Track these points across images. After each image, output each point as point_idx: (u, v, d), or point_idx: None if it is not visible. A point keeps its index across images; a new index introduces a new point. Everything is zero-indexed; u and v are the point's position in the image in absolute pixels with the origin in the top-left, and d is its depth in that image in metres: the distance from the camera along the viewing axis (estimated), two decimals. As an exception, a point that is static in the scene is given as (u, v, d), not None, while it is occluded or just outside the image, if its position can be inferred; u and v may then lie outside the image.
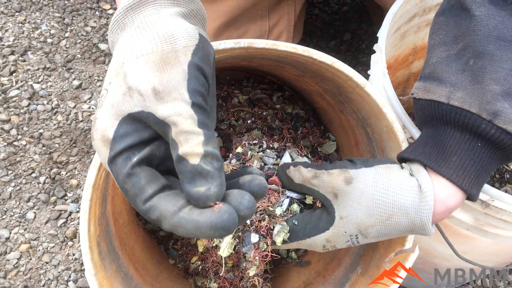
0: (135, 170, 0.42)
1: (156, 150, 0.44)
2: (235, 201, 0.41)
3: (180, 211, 0.40)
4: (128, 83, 0.43)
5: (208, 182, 0.41)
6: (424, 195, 0.56)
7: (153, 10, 0.47)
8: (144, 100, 0.43)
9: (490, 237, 0.75)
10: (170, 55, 0.44)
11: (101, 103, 0.45)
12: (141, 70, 0.43)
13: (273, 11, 1.14)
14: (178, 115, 0.42)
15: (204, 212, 0.40)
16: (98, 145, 0.44)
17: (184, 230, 0.40)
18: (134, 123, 0.43)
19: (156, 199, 0.41)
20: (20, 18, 1.47)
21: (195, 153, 0.41)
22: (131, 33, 0.46)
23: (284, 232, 0.64)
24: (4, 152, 1.24)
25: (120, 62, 0.45)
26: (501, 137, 0.55)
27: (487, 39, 0.56)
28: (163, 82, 0.43)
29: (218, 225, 0.40)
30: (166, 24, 0.46)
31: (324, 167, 0.61)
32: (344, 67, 0.64)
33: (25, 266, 1.12)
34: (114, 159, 0.42)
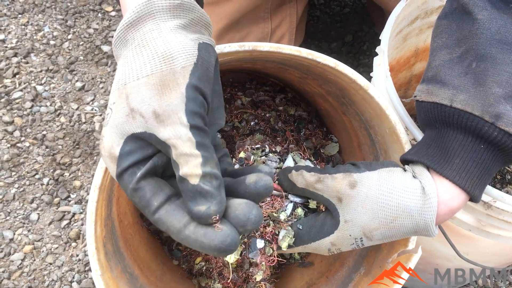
0: (140, 184, 0.45)
1: (158, 161, 0.47)
2: (242, 216, 0.45)
3: (186, 229, 0.44)
4: (131, 105, 0.45)
5: (208, 201, 0.44)
6: (427, 197, 0.57)
7: (153, 25, 0.47)
8: (146, 122, 0.45)
9: (492, 238, 0.76)
10: (169, 77, 0.45)
11: (107, 122, 0.47)
12: (142, 93, 0.45)
13: (275, 13, 1.15)
14: (177, 138, 0.44)
15: (208, 234, 0.44)
16: (107, 161, 0.47)
17: (190, 246, 0.45)
18: (138, 141, 0.46)
19: (163, 212, 0.45)
20: (23, 20, 1.48)
21: (194, 174, 0.44)
22: (132, 52, 0.47)
23: (289, 237, 0.64)
24: (7, 153, 1.25)
25: (122, 82, 0.47)
26: (503, 139, 0.55)
27: (490, 42, 0.57)
28: (162, 106, 0.45)
29: (221, 249, 0.44)
30: (165, 41, 0.47)
31: (328, 171, 0.62)
32: (348, 69, 0.64)
33: (29, 267, 1.13)
34: (121, 175, 0.45)
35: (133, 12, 0.47)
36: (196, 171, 0.44)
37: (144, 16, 0.47)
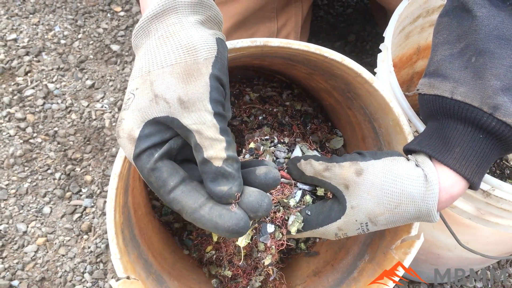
0: (158, 164, 0.48)
1: (174, 144, 0.50)
2: (255, 203, 0.49)
3: (201, 209, 0.48)
4: (155, 91, 0.49)
5: (229, 182, 0.49)
6: (429, 184, 0.60)
7: (176, 19, 0.51)
8: (170, 107, 0.48)
9: (491, 226, 0.79)
10: (193, 67, 0.49)
11: (128, 106, 0.50)
12: (167, 80, 0.48)
13: (281, 12, 1.18)
14: (202, 123, 0.48)
15: (223, 215, 0.48)
16: (124, 142, 0.50)
17: (203, 226, 0.48)
18: (157, 126, 0.49)
19: (179, 192, 0.48)
20: (34, 20, 1.52)
21: (219, 157, 0.48)
22: (156, 42, 0.51)
23: (298, 222, 0.67)
24: (20, 149, 1.29)
25: (146, 70, 0.50)
26: (501, 129, 0.58)
27: (488, 38, 0.59)
28: (188, 93, 0.48)
29: (234, 230, 0.48)
30: (188, 34, 0.50)
31: (335, 160, 0.65)
32: (354, 64, 0.68)
33: (42, 258, 1.16)
34: (139, 156, 0.49)
35: (158, 5, 0.51)
36: (221, 154, 0.48)
37: (168, 10, 0.51)
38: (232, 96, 0.95)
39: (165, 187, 0.48)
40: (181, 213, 0.49)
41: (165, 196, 0.49)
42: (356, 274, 0.80)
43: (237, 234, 0.48)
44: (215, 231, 0.48)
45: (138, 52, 0.53)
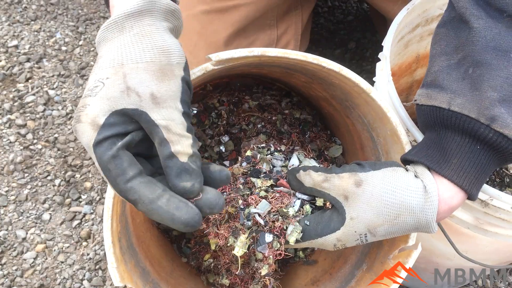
0: (119, 153, 0.49)
1: (135, 137, 0.52)
2: (213, 200, 0.52)
3: (159, 200, 0.49)
4: (128, 84, 0.50)
5: (192, 179, 0.51)
6: (429, 195, 0.60)
7: (151, 21, 0.54)
8: (141, 101, 0.50)
9: (489, 236, 0.79)
10: (167, 67, 0.52)
11: (95, 93, 0.51)
12: (141, 75, 0.51)
13: (281, 20, 1.18)
14: (171, 120, 0.51)
15: (181, 208, 0.50)
16: (85, 127, 0.50)
17: (159, 216, 0.49)
18: (123, 117, 0.51)
19: (137, 182, 0.49)
20: (36, 27, 1.53)
21: (185, 153, 0.51)
22: (131, 38, 0.52)
23: (297, 232, 0.67)
24: (20, 155, 1.29)
25: (118, 62, 0.51)
26: (498, 140, 0.59)
27: (485, 49, 0.60)
28: (161, 90, 0.51)
29: (190, 223, 0.49)
30: (162, 37, 0.53)
31: (334, 171, 0.65)
32: (351, 74, 0.68)
33: (41, 265, 1.17)
34: (100, 142, 0.49)
35: (136, 5, 0.53)
36: (187, 150, 0.51)
37: (144, 12, 0.53)
38: (231, 104, 0.95)
39: (123, 175, 0.49)
40: (136, 204, 0.49)
41: (121, 184, 0.49)
42: (353, 283, 0.80)
43: (191, 228, 0.50)
44: (170, 223, 0.49)
45: (107, 44, 0.54)
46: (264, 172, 0.70)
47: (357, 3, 1.71)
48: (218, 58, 0.65)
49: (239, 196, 0.68)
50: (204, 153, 0.91)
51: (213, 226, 0.69)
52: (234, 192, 0.68)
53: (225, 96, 0.96)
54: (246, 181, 0.70)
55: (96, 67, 0.53)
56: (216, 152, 0.91)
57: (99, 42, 0.55)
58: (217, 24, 1.11)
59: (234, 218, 0.68)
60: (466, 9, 0.62)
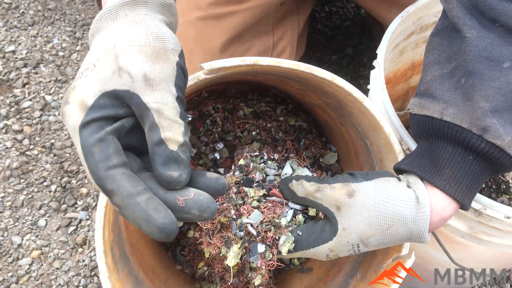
0: (107, 137, 0.46)
1: (126, 124, 0.49)
2: (205, 203, 0.48)
3: (138, 196, 0.45)
4: (119, 64, 0.48)
5: (180, 169, 0.48)
6: (421, 206, 0.60)
7: (145, 11, 0.52)
8: (133, 82, 0.47)
9: (483, 244, 0.78)
10: (161, 52, 0.49)
11: (85, 75, 0.48)
12: (134, 56, 0.48)
13: (277, 27, 1.18)
14: (164, 103, 0.48)
15: (160, 210, 0.45)
16: (73, 109, 0.47)
17: (133, 214, 0.45)
18: (113, 99, 0.48)
19: (119, 172, 0.45)
20: (33, 32, 1.53)
21: (176, 140, 0.48)
22: (124, 25, 0.51)
23: (289, 242, 0.66)
24: (16, 161, 1.29)
25: (111, 44, 0.49)
26: (490, 151, 0.58)
27: (477, 59, 0.59)
28: (154, 72, 0.48)
29: (165, 229, 0.45)
30: (157, 26, 0.52)
31: (326, 181, 0.64)
32: (344, 83, 0.68)
33: (36, 271, 1.16)
34: (87, 124, 0.46)
35: None
36: (178, 138, 0.48)
37: (140, 2, 0.52)
38: (226, 111, 0.95)
39: (106, 161, 0.45)
40: (112, 195, 0.45)
41: (102, 170, 0.45)
42: (348, 292, 0.79)
43: (165, 235, 0.45)
44: (144, 224, 0.45)
45: (100, 34, 0.52)
46: (257, 181, 0.70)
47: (354, 9, 1.71)
48: (210, 67, 0.65)
49: (232, 206, 0.68)
50: (199, 160, 0.91)
51: (206, 236, 0.69)
52: (226, 201, 0.68)
53: (220, 103, 0.95)
54: (239, 190, 0.69)
55: (88, 54, 0.51)
56: (211, 159, 0.91)
57: (93, 35, 0.53)
58: (212, 30, 1.11)
59: (227, 228, 0.68)
60: (459, 18, 0.62)
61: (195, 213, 0.48)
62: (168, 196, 0.48)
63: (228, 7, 1.10)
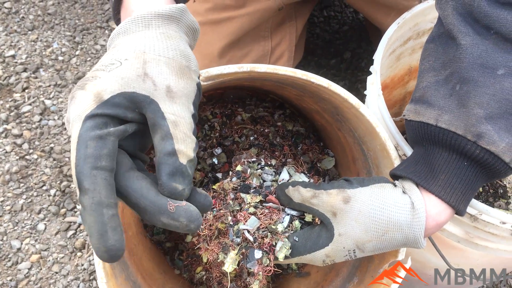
0: (108, 138, 0.46)
1: (129, 129, 0.49)
2: (194, 215, 0.49)
3: (105, 208, 0.44)
4: (146, 70, 0.49)
5: (185, 183, 0.49)
6: (416, 212, 0.61)
7: (176, 28, 0.55)
8: (155, 90, 0.49)
9: (480, 249, 0.79)
10: (186, 70, 0.52)
11: (109, 69, 0.49)
12: (161, 67, 0.50)
13: (276, 32, 1.19)
14: (181, 117, 0.49)
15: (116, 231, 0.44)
16: (87, 96, 0.47)
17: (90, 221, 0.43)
18: (129, 102, 0.48)
19: (102, 176, 0.44)
20: (33, 37, 1.54)
21: (187, 155, 0.49)
22: (156, 35, 0.52)
23: (286, 248, 0.67)
24: (16, 165, 1.29)
25: (141, 49, 0.51)
26: (485, 157, 0.59)
27: (472, 66, 0.60)
28: (178, 86, 0.50)
29: (111, 252, 0.44)
30: (185, 45, 0.54)
31: (323, 187, 0.65)
32: (340, 89, 0.68)
33: (35, 275, 1.17)
34: (95, 116, 0.46)
35: (168, 9, 0.54)
36: (189, 152, 0.49)
37: (173, 19, 0.54)
38: (224, 116, 0.96)
39: (96, 160, 0.44)
40: (84, 193, 0.44)
41: (87, 167, 0.44)
42: (345, 296, 0.80)
43: (106, 256, 0.44)
44: (95, 236, 0.43)
45: (129, 35, 0.53)
46: (254, 187, 0.70)
47: (352, 13, 1.72)
48: (208, 74, 0.65)
49: (229, 212, 0.68)
50: (197, 166, 0.91)
51: (203, 242, 0.70)
52: (224, 208, 0.69)
53: (218, 108, 0.96)
54: (236, 197, 0.70)
55: (113, 50, 0.52)
56: (209, 164, 0.91)
57: (119, 34, 0.54)
58: (211, 35, 1.12)
59: (224, 234, 0.68)
60: (454, 25, 0.63)
61: (183, 221, 0.48)
62: (160, 198, 0.48)
63: (226, 12, 1.11)
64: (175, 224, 0.48)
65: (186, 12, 0.56)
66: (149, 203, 0.47)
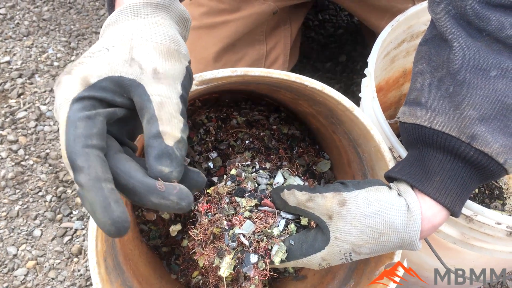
0: (97, 117, 0.46)
1: (118, 113, 0.49)
2: (185, 192, 0.47)
3: (104, 182, 0.43)
4: (133, 55, 0.49)
5: (172, 166, 0.48)
6: (412, 214, 0.61)
7: (165, 16, 0.55)
8: (142, 73, 0.49)
9: (476, 251, 0.79)
10: (175, 53, 0.52)
11: (95, 56, 0.49)
12: (148, 51, 0.50)
13: (271, 35, 1.20)
14: (167, 97, 0.49)
15: (118, 203, 0.44)
16: (74, 80, 0.47)
17: (91, 197, 0.43)
18: (116, 86, 0.48)
19: (94, 153, 0.44)
20: (28, 43, 1.54)
21: (173, 135, 0.48)
22: (144, 23, 0.53)
23: (282, 252, 0.67)
24: (12, 171, 1.29)
25: (128, 36, 0.51)
26: (479, 158, 0.59)
27: (465, 68, 0.60)
28: (165, 67, 0.50)
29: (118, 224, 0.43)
30: (174, 32, 0.54)
31: (318, 190, 0.65)
32: (334, 92, 0.68)
33: (32, 282, 1.16)
34: (82, 99, 0.46)
35: None
36: (175, 133, 0.48)
37: (163, 6, 0.55)
38: (219, 120, 0.96)
39: (86, 139, 0.44)
40: (79, 171, 0.44)
41: (78, 145, 0.44)
42: (341, 299, 0.80)
43: (114, 229, 0.43)
44: (99, 211, 0.43)
45: (118, 26, 0.53)
46: (249, 191, 0.70)
47: (347, 17, 1.72)
48: (201, 78, 0.66)
49: (224, 217, 0.68)
50: (193, 170, 0.91)
51: (198, 247, 0.70)
52: (219, 212, 0.69)
53: (213, 112, 0.96)
54: (231, 201, 0.70)
55: (102, 38, 0.52)
56: (205, 168, 0.91)
57: (108, 25, 0.54)
58: (206, 40, 1.12)
59: (219, 239, 0.68)
60: (446, 28, 0.63)
61: (174, 199, 0.47)
62: (147, 179, 0.47)
63: (221, 17, 1.11)
64: (166, 203, 0.47)
65: (175, 1, 0.57)
66: (138, 183, 0.46)
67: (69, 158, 0.44)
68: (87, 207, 0.44)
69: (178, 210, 0.47)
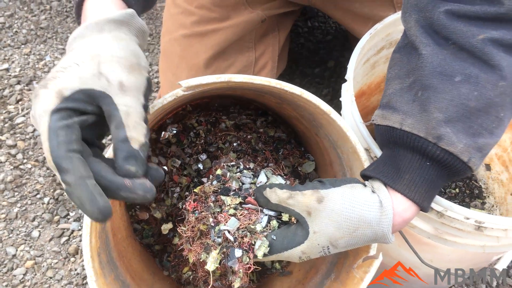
0: (74, 126, 0.54)
1: (89, 120, 0.57)
2: (149, 186, 0.57)
3: (87, 179, 0.52)
4: (101, 70, 0.56)
5: (137, 165, 0.56)
6: (384, 209, 0.65)
7: (127, 31, 0.63)
8: (109, 86, 0.56)
9: (449, 245, 0.83)
10: (136, 66, 0.60)
11: (68, 71, 0.56)
12: (114, 66, 0.57)
13: (259, 43, 1.24)
14: (133, 107, 0.57)
15: (102, 196, 0.52)
16: (49, 94, 0.54)
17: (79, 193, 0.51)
18: (87, 97, 0.56)
19: (77, 156, 0.52)
20: (26, 50, 1.58)
21: (138, 140, 0.57)
22: (109, 38, 0.60)
23: (264, 247, 0.71)
24: (11, 175, 1.33)
25: (96, 52, 0.57)
26: (445, 157, 0.64)
27: (432, 74, 0.65)
28: (129, 80, 0.58)
29: (104, 212, 0.52)
30: (134, 46, 0.62)
31: (298, 188, 0.69)
32: (312, 97, 0.73)
33: (30, 281, 1.20)
34: (60, 110, 0.53)
35: (119, 15, 0.61)
36: (140, 138, 0.57)
37: (125, 23, 0.62)
38: (208, 124, 1.00)
39: (68, 144, 0.52)
40: (65, 172, 0.51)
41: (62, 150, 0.51)
42: (323, 292, 0.84)
43: (101, 216, 0.52)
44: (87, 203, 0.51)
45: (84, 40, 0.60)
46: (233, 190, 0.75)
47: (335, 24, 1.77)
48: (188, 84, 0.70)
49: (210, 214, 0.73)
50: (183, 171, 0.95)
51: (186, 243, 0.74)
52: (205, 210, 0.73)
53: (203, 116, 1.01)
54: (217, 199, 0.74)
55: (70, 53, 0.58)
56: (195, 169, 0.96)
57: (75, 38, 0.61)
58: (197, 47, 1.17)
59: (206, 235, 0.72)
60: (416, 37, 0.68)
61: (140, 193, 0.55)
62: (117, 178, 0.55)
63: (211, 25, 1.16)
64: (133, 196, 0.56)
65: (135, 17, 0.64)
66: (108, 182, 0.54)
67: (55, 162, 0.52)
68: (75, 201, 0.52)
69: (144, 201, 0.57)
